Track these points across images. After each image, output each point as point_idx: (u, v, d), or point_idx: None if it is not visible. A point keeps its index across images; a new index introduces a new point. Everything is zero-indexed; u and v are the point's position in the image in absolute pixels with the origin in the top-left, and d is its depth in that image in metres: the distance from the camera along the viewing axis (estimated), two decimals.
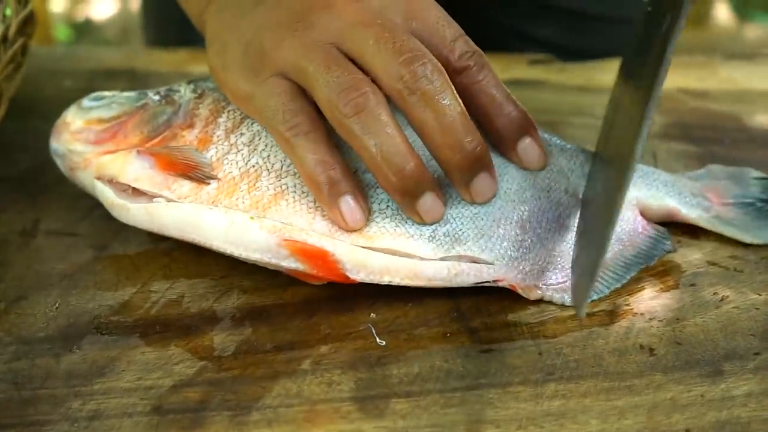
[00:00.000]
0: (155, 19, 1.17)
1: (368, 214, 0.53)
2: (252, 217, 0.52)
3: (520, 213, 0.55)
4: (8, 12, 0.68)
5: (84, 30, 3.14)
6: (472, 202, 0.54)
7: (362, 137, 0.50)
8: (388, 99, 0.51)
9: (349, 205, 0.52)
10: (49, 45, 2.35)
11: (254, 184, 0.53)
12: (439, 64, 0.51)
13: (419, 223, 0.53)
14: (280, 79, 0.53)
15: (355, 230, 0.52)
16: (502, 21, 1.00)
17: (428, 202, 0.52)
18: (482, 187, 0.53)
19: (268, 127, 0.54)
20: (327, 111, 0.51)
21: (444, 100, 0.50)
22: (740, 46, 3.16)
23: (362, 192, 0.53)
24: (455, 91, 0.51)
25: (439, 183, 0.54)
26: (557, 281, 0.53)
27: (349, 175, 0.52)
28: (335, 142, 0.53)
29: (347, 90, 0.50)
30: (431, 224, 0.53)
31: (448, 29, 0.54)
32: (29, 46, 0.71)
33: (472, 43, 0.54)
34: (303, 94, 0.53)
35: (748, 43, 3.23)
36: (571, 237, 0.55)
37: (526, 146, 0.56)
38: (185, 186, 0.54)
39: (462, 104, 0.51)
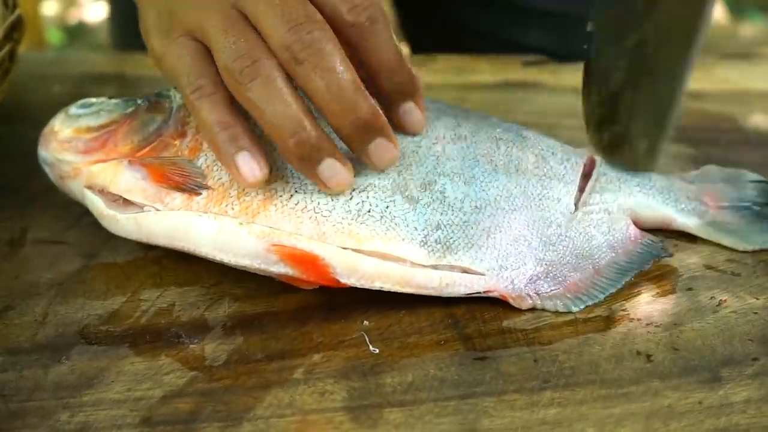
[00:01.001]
0: (120, 22, 1.16)
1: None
2: (241, 223, 0.51)
3: (511, 222, 0.54)
4: None
5: (76, 33, 3.12)
6: (374, 168, 0.53)
7: (258, 104, 0.50)
8: None
9: (245, 159, 0.51)
10: (41, 49, 2.34)
11: (243, 190, 0.53)
12: (328, 29, 0.50)
13: (326, 192, 0.52)
14: (187, 40, 0.53)
15: (253, 186, 0.52)
16: (482, 25, 1.00)
17: (329, 167, 0.51)
18: (380, 152, 0.52)
19: (176, 85, 0.54)
20: (224, 77, 0.51)
21: (332, 68, 0.50)
22: (735, 45, 3.15)
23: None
24: (344, 57, 0.50)
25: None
26: (549, 289, 0.53)
27: (248, 132, 0.52)
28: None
29: (241, 57, 0.50)
30: (338, 192, 0.52)
31: None
32: (17, 51, 0.70)
33: None
34: (209, 56, 0.53)
35: (743, 42, 3.23)
36: (563, 246, 0.55)
37: (408, 110, 0.56)
38: (177, 198, 0.53)
39: (352, 70, 0.50)
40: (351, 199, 0.52)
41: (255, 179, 0.51)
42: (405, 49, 0.53)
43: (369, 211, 0.52)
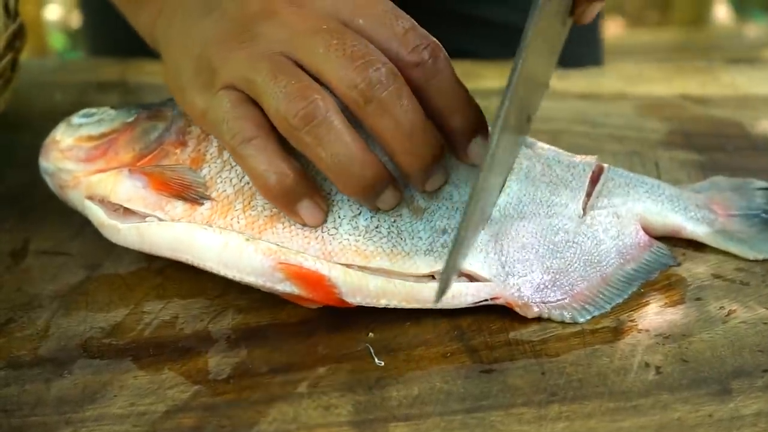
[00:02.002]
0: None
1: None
2: (247, 239, 0.51)
3: (518, 229, 0.54)
4: None
5: (80, 38, 3.12)
6: (426, 195, 0.54)
7: (316, 148, 0.49)
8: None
9: (308, 209, 0.51)
10: (44, 54, 2.34)
11: (249, 203, 0.52)
12: (393, 67, 0.49)
13: (376, 212, 0.52)
14: (229, 92, 0.51)
15: (316, 227, 0.52)
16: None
17: (389, 196, 0.52)
18: (436, 182, 0.53)
19: (220, 140, 0.53)
20: (277, 123, 0.50)
21: (401, 106, 0.49)
22: (740, 46, 3.15)
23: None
24: (412, 95, 0.50)
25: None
26: (556, 298, 0.52)
27: (302, 177, 0.51)
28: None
29: (295, 99, 0.48)
30: (389, 210, 0.52)
31: (397, 21, 0.52)
32: (19, 60, 0.69)
33: (425, 34, 0.52)
34: (251, 102, 0.51)
35: (748, 44, 3.23)
36: (571, 253, 0.54)
37: (477, 146, 0.54)
38: (179, 207, 0.53)
39: (419, 108, 0.50)
40: (359, 215, 0.52)
41: (319, 223, 0.52)
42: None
43: (376, 227, 0.52)
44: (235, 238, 0.51)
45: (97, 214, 0.55)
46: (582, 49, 1.09)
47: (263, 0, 0.52)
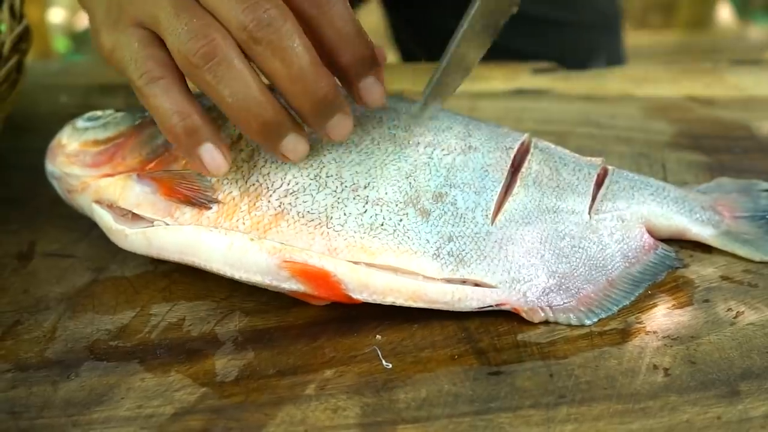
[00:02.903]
0: None
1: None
2: (252, 239, 0.51)
3: (524, 234, 0.54)
4: (2, 28, 0.67)
5: (83, 41, 3.12)
6: (330, 141, 0.53)
7: (216, 87, 0.49)
8: None
9: (209, 152, 0.51)
10: (48, 57, 2.34)
11: (254, 204, 0.52)
12: (284, 8, 0.49)
13: (286, 162, 0.53)
14: (136, 29, 0.51)
15: (217, 176, 0.52)
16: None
17: (291, 142, 0.51)
18: (337, 127, 0.52)
19: (127, 78, 0.52)
20: (178, 61, 0.50)
21: (290, 48, 0.49)
22: (743, 49, 3.15)
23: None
24: (302, 34, 0.49)
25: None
26: (562, 302, 0.52)
27: (206, 121, 0.51)
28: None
29: (195, 38, 0.48)
30: (298, 161, 0.52)
31: None
32: (25, 62, 0.69)
33: None
34: (158, 41, 0.51)
35: (751, 45, 3.22)
36: (576, 257, 0.54)
37: (368, 84, 0.54)
38: (187, 213, 0.53)
39: (310, 49, 0.49)
40: (364, 212, 0.52)
41: (219, 170, 0.51)
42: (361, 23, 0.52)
43: (382, 225, 0.52)
44: (240, 238, 0.51)
45: (104, 219, 0.55)
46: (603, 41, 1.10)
47: None
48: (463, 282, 0.51)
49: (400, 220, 0.52)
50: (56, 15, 3.19)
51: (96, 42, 0.55)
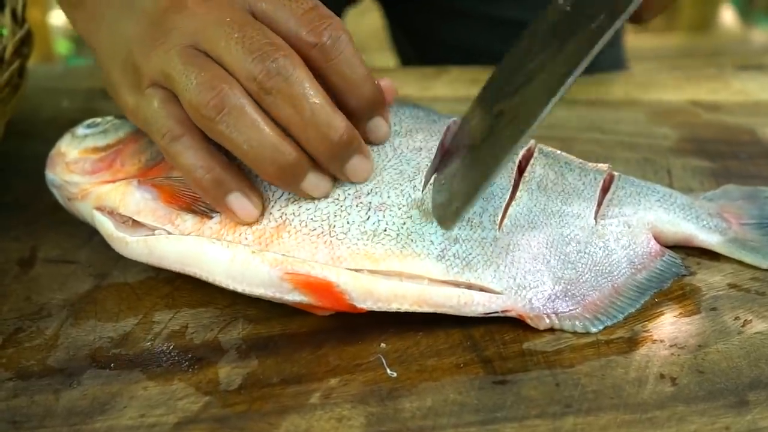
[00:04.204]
0: None
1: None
2: (253, 251, 0.51)
3: (530, 240, 0.53)
4: (4, 32, 0.66)
5: (85, 43, 3.12)
6: (349, 182, 0.53)
7: (230, 137, 0.49)
8: None
9: (239, 201, 0.51)
10: (50, 59, 2.33)
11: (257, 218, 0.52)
12: (293, 56, 0.49)
13: (306, 198, 0.53)
14: (154, 89, 0.52)
15: (249, 223, 0.52)
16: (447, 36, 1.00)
17: (312, 182, 0.52)
18: (356, 169, 0.53)
19: (151, 138, 0.53)
20: (192, 115, 0.50)
21: (302, 95, 0.49)
22: (747, 53, 3.14)
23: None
24: (313, 80, 0.50)
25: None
26: (567, 309, 0.52)
27: (232, 171, 0.51)
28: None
29: (204, 90, 0.49)
30: (320, 197, 0.52)
31: (297, 2, 0.52)
32: (27, 66, 0.69)
33: (326, 14, 0.52)
34: (176, 99, 0.51)
35: (755, 49, 3.22)
36: (582, 264, 0.53)
37: (376, 126, 0.55)
38: (188, 221, 0.53)
39: (322, 93, 0.50)
40: (367, 219, 0.52)
41: (251, 217, 0.52)
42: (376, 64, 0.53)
43: (385, 230, 0.51)
44: (241, 251, 0.51)
45: (105, 226, 0.55)
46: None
47: None
48: (469, 287, 0.51)
49: (404, 224, 0.52)
50: (58, 17, 3.18)
51: (118, 101, 0.56)
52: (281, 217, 0.52)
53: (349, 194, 0.53)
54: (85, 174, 0.56)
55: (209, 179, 0.51)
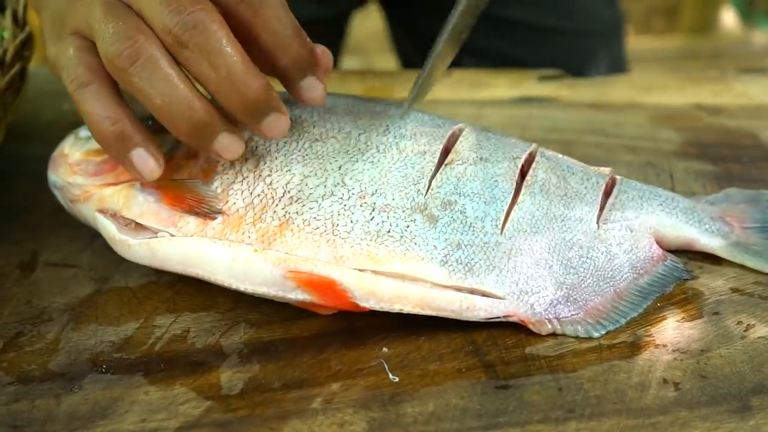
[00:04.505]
0: None
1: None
2: (256, 250, 0.50)
3: (532, 244, 0.53)
4: (5, 35, 0.66)
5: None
6: (266, 138, 0.53)
7: (143, 89, 0.49)
8: None
9: (141, 156, 0.51)
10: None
11: (260, 216, 0.52)
12: (212, 8, 0.48)
13: (219, 159, 0.52)
14: (74, 37, 0.52)
15: (151, 180, 0.52)
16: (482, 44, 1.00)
17: (224, 141, 0.51)
18: (272, 126, 0.52)
19: (64, 85, 0.52)
20: (106, 64, 0.49)
21: (218, 50, 0.48)
22: (748, 55, 3.14)
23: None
24: (231, 35, 0.49)
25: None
26: (569, 314, 0.52)
27: (137, 126, 0.51)
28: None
29: (119, 41, 0.48)
30: (233, 159, 0.52)
31: None
32: (28, 69, 0.69)
33: None
34: (94, 49, 0.51)
35: (756, 52, 3.22)
36: (584, 268, 0.53)
37: (308, 86, 0.54)
38: (191, 223, 0.52)
39: (239, 49, 0.49)
40: (371, 220, 0.52)
41: (152, 174, 0.51)
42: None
43: (389, 232, 0.51)
44: (244, 249, 0.51)
45: (108, 229, 0.54)
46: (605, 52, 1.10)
47: None
48: (471, 292, 0.51)
49: (407, 227, 0.52)
50: None
51: (47, 55, 0.55)
52: (285, 215, 0.52)
53: (353, 194, 0.53)
54: (88, 176, 0.56)
55: (113, 131, 0.50)
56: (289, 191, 0.53)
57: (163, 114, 0.49)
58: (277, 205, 0.52)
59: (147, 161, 0.51)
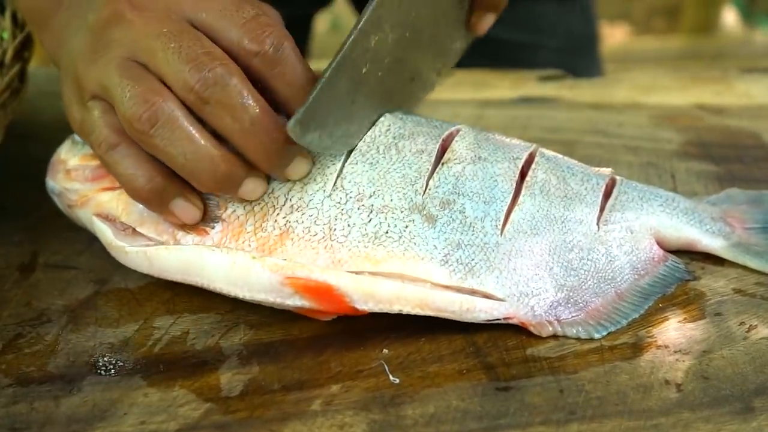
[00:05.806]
0: None
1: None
2: (254, 257, 0.50)
3: (533, 246, 0.53)
4: (5, 35, 0.66)
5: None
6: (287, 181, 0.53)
7: (164, 150, 0.49)
8: None
9: (180, 206, 0.51)
10: (49, 63, 2.32)
11: (261, 225, 0.52)
12: (229, 65, 0.49)
13: (242, 202, 0.53)
14: (96, 102, 0.52)
15: (193, 225, 0.52)
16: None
17: (249, 187, 0.52)
18: (296, 171, 0.53)
19: (92, 150, 0.53)
20: (127, 128, 0.50)
21: (239, 104, 0.49)
22: (750, 55, 3.14)
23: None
24: (251, 88, 0.49)
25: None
26: (570, 316, 0.51)
27: (169, 177, 0.51)
28: None
29: (138, 103, 0.48)
30: (257, 198, 0.52)
31: (238, 11, 0.51)
32: (27, 70, 0.69)
33: (269, 22, 0.51)
34: (114, 110, 0.51)
35: (758, 51, 3.22)
36: (585, 270, 0.53)
37: None
38: (190, 234, 0.53)
39: (260, 101, 0.49)
40: (369, 222, 0.51)
41: (195, 219, 0.52)
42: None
43: (387, 233, 0.51)
44: (241, 257, 0.51)
45: (105, 234, 0.54)
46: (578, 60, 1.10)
47: (111, 6, 0.52)
48: (472, 293, 0.51)
49: (406, 227, 0.51)
50: None
51: (69, 117, 0.55)
52: (285, 225, 0.52)
53: (351, 197, 0.52)
54: (86, 181, 0.56)
55: (149, 189, 0.51)
56: (287, 198, 0.53)
57: (186, 171, 0.50)
58: (278, 213, 0.52)
59: (187, 210, 0.52)
